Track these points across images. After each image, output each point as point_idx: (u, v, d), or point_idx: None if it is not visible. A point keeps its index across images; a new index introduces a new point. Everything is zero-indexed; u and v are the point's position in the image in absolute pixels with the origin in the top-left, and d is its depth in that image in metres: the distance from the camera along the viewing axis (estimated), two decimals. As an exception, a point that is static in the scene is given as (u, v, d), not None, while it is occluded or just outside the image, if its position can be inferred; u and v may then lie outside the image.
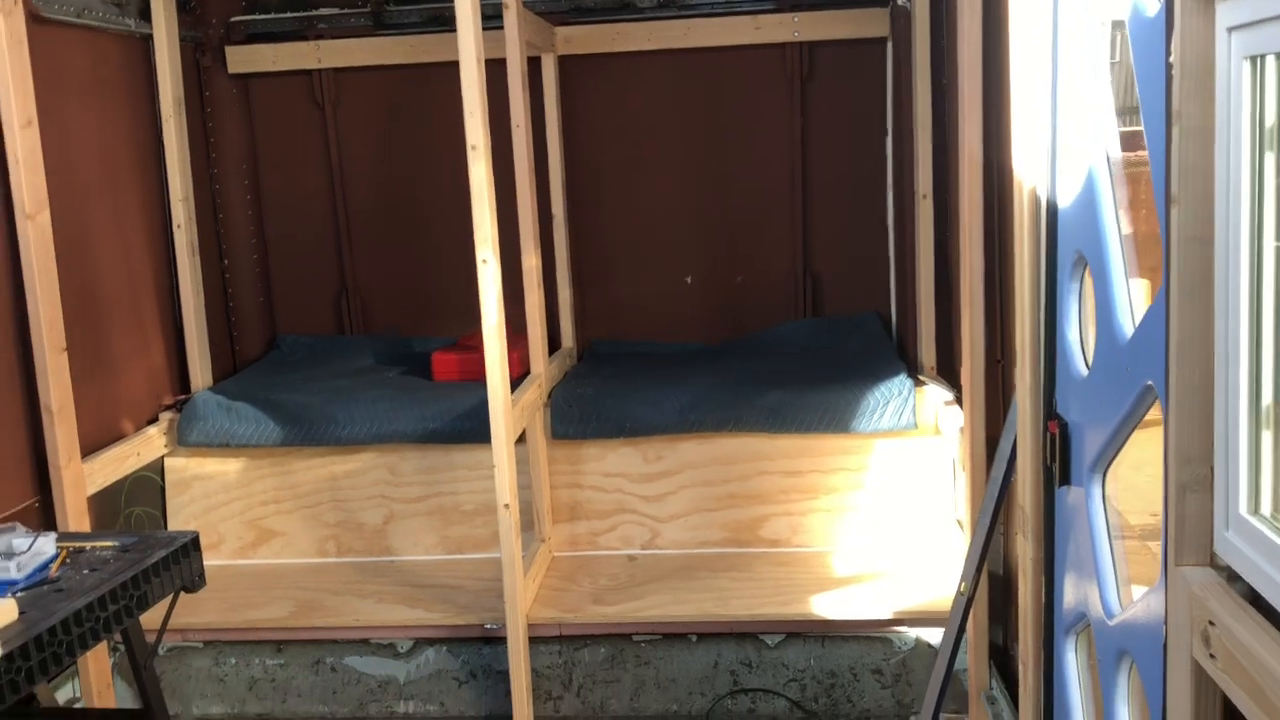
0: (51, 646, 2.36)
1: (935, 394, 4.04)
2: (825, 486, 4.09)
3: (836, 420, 4.03)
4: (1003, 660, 3.45)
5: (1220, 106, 1.51)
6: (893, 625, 3.62)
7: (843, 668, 3.63)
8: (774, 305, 5.02)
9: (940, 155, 4.13)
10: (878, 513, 4.08)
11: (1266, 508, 1.52)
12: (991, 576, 3.41)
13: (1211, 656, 1.55)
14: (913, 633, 3.62)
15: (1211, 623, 1.54)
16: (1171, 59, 1.61)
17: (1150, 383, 1.89)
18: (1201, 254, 1.59)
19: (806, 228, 4.96)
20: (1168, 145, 1.64)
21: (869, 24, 4.66)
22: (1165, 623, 1.73)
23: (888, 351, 4.50)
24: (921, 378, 4.19)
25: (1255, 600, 1.52)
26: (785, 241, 4.98)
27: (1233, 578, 1.59)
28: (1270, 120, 1.43)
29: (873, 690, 3.62)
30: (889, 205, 4.83)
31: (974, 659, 3.45)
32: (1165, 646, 1.74)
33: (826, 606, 3.66)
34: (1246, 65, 1.44)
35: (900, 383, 4.04)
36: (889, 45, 4.69)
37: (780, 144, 4.91)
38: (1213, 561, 1.65)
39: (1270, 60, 1.42)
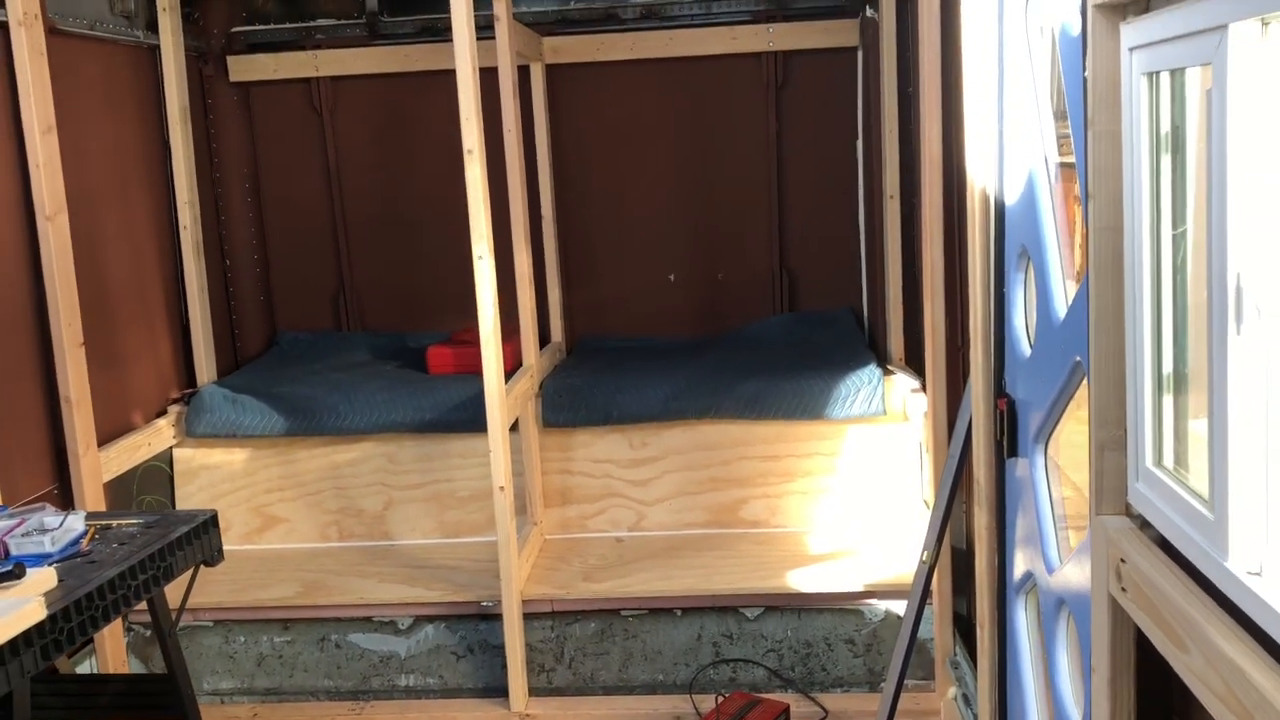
0: (89, 610, 2.58)
1: (903, 382, 4.29)
2: (801, 470, 4.34)
3: (811, 407, 4.27)
4: (966, 629, 3.70)
5: (1125, 115, 1.76)
6: (864, 598, 3.86)
7: (817, 638, 3.87)
8: (752, 301, 5.27)
9: (907, 158, 4.39)
10: (850, 494, 4.33)
11: (1169, 461, 1.77)
12: (955, 551, 3.66)
13: (1123, 590, 1.79)
14: (883, 605, 3.86)
15: (1123, 560, 1.78)
16: (1087, 73, 1.85)
17: (1079, 358, 2.14)
18: (1113, 242, 1.84)
19: (783, 228, 5.22)
20: (1085, 147, 1.89)
21: (840, 34, 4.92)
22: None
23: (859, 343, 4.76)
24: (890, 367, 4.45)
25: (1164, 545, 1.77)
26: (763, 241, 5.24)
27: (1145, 525, 1.84)
28: (1164, 127, 1.68)
29: (846, 659, 3.87)
30: (860, 206, 5.09)
31: (939, 628, 3.70)
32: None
33: (802, 581, 3.90)
34: (1144, 80, 1.69)
35: (870, 372, 4.29)
36: (859, 54, 4.95)
37: (757, 148, 5.17)
38: (1128, 511, 1.89)
39: (1164, 76, 1.66)
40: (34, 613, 2.41)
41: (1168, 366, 1.74)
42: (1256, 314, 1.43)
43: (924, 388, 3.86)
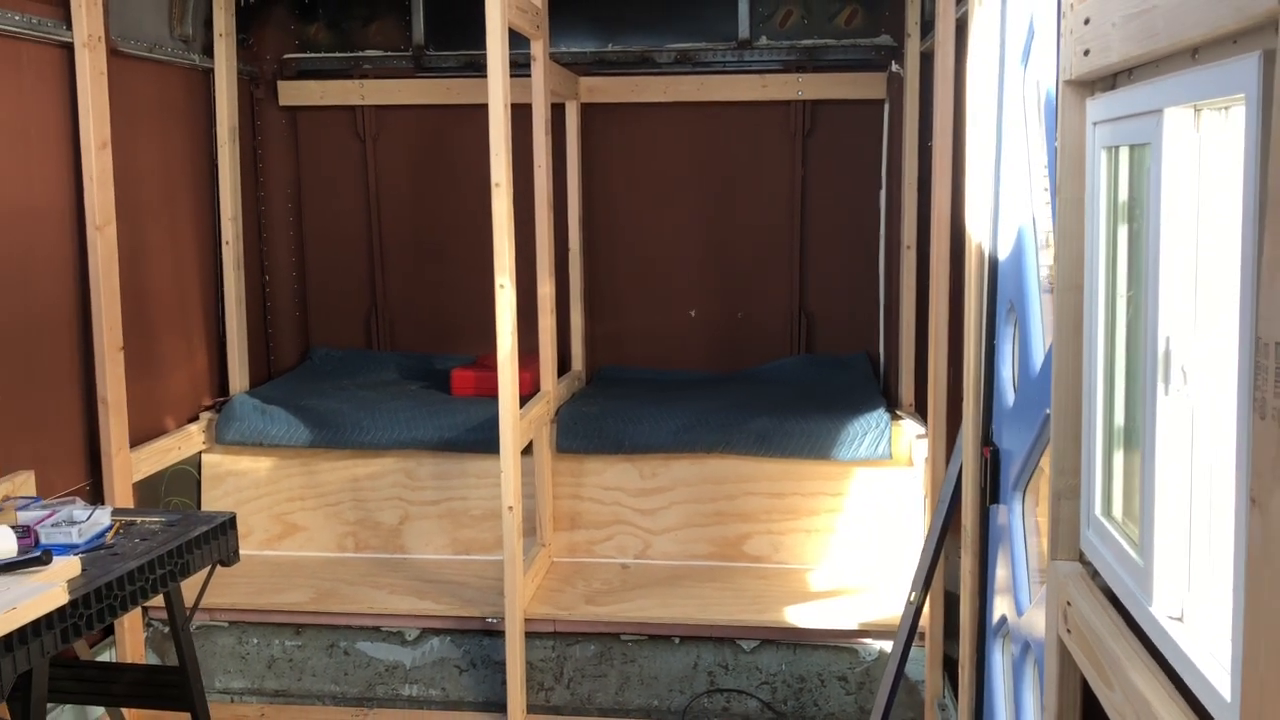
0: (108, 599, 2.74)
1: (910, 428, 4.38)
2: (805, 508, 4.43)
3: (818, 447, 4.38)
4: (956, 672, 3.76)
5: (1088, 184, 1.88)
6: (859, 637, 3.94)
7: (811, 674, 3.96)
8: (771, 341, 5.39)
9: (925, 210, 4.50)
10: (852, 535, 4.42)
11: (1118, 511, 1.87)
12: (948, 596, 3.73)
13: (1068, 631, 1.89)
14: (877, 644, 3.94)
15: (1069, 603, 1.88)
16: (1057, 142, 1.97)
17: (1049, 411, 2.24)
18: (1075, 301, 1.95)
19: (804, 271, 5.34)
20: (1054, 210, 2.01)
21: (867, 87, 5.06)
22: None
23: (871, 388, 4.86)
24: (899, 413, 4.54)
25: (1109, 592, 1.86)
26: (783, 283, 5.36)
27: (1095, 573, 1.93)
28: (1121, 198, 1.80)
29: (838, 696, 3.95)
30: (880, 254, 5.21)
31: (930, 670, 3.77)
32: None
33: (799, 617, 3.99)
34: (1104, 154, 1.81)
35: (878, 416, 4.38)
36: (885, 107, 5.08)
37: (782, 193, 5.31)
38: (1080, 558, 1.99)
39: (1122, 151, 1.78)
40: (56, 597, 2.57)
41: (1119, 421, 1.84)
42: (1183, 377, 1.53)
43: (928, 434, 3.95)
